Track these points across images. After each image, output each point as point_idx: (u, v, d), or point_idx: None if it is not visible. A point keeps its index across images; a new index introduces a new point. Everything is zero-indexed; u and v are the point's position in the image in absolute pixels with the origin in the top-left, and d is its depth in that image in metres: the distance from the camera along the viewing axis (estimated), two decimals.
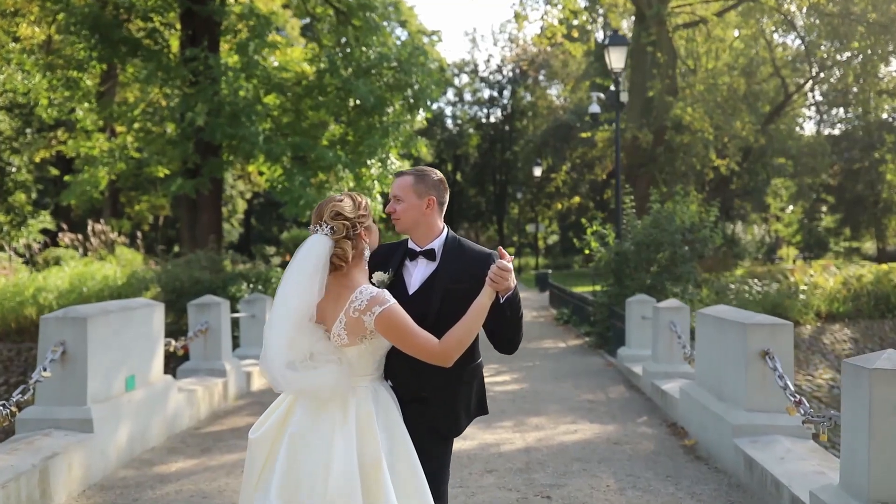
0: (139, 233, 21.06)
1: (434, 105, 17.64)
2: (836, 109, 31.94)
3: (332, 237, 2.89)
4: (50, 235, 25.40)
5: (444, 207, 3.16)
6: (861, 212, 39.63)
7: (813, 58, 23.48)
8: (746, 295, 14.70)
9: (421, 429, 2.99)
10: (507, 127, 52.39)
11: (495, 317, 2.97)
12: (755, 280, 16.73)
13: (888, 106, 29.66)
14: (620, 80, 13.85)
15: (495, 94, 53.49)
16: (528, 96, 50.98)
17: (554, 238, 55.35)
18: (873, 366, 3.87)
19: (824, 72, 24.92)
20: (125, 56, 14.38)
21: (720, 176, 25.68)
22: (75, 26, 13.63)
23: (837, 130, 36.61)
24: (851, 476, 4.06)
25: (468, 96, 54.01)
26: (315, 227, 2.90)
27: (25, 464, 4.91)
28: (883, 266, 19.42)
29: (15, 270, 18.57)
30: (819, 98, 30.28)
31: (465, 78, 53.80)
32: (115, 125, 16.71)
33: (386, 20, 16.79)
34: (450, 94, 51.69)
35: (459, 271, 2.99)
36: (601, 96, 18.56)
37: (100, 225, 17.70)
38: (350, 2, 15.14)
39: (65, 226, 20.72)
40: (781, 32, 23.59)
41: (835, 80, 25.06)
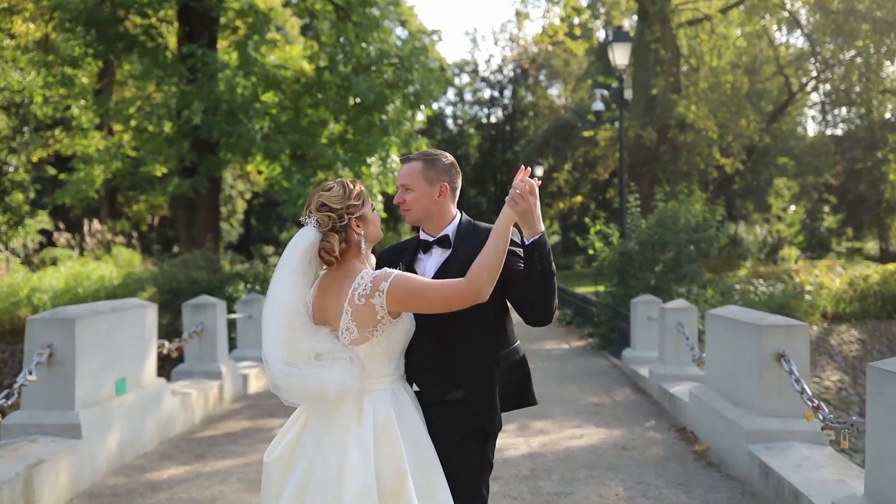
0: (135, 233, 20.86)
1: (435, 104, 17.41)
2: (839, 109, 31.72)
3: (319, 230, 2.66)
4: (48, 235, 25.18)
5: (458, 192, 2.90)
6: (864, 212, 39.41)
7: (817, 56, 23.26)
8: (751, 295, 14.49)
9: (452, 430, 2.71)
10: (508, 127, 52.18)
11: (523, 269, 2.65)
12: (760, 280, 16.52)
13: (891, 105, 29.44)
14: (624, 77, 13.60)
15: (496, 94, 53.28)
16: (529, 96, 50.77)
17: (555, 238, 55.08)
18: None
19: (828, 70, 24.71)
20: (121, 53, 14.16)
21: (723, 175, 25.47)
22: (70, 22, 13.41)
23: (840, 130, 36.40)
24: (877, 486, 3.84)
25: (469, 96, 53.81)
26: (304, 219, 2.69)
27: (9, 472, 4.69)
28: (889, 266, 19.21)
29: (12, 271, 18.37)
30: (822, 97, 30.06)
31: (466, 78, 53.62)
32: (112, 123, 16.48)
33: (386, 19, 16.56)
34: (450, 94, 51.50)
35: (474, 253, 2.67)
36: (605, 93, 18.35)
37: (96, 225, 17.48)
38: None
39: (61, 225, 20.50)
40: (785, 30, 23.37)
41: (838, 78, 24.83)
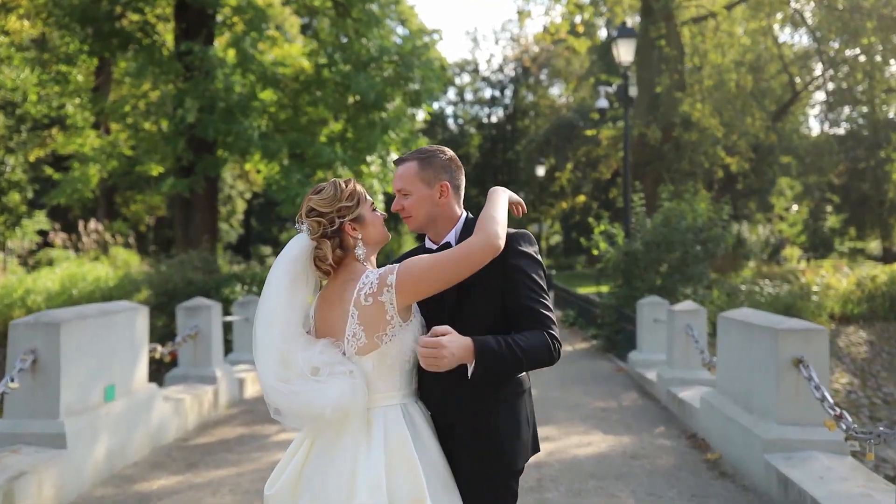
0: (133, 233, 20.61)
1: (435, 104, 17.17)
2: (842, 108, 31.47)
3: (310, 237, 2.43)
4: (47, 236, 24.95)
5: (462, 189, 2.63)
6: (866, 212, 39.17)
7: (822, 54, 22.99)
8: (757, 296, 14.23)
9: (468, 464, 2.43)
10: (509, 127, 51.93)
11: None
12: (766, 281, 16.26)
13: None
14: (629, 74, 13.34)
15: (497, 94, 53.03)
16: (531, 96, 50.52)
17: (556, 238, 54.88)
18: None
19: (833, 68, 24.44)
20: (116, 50, 13.90)
21: (727, 175, 25.20)
22: (64, 19, 13.16)
23: (843, 130, 36.15)
24: None
25: (469, 96, 53.56)
26: (298, 226, 2.46)
27: None
28: None
29: (9, 272, 18.13)
30: (826, 96, 29.80)
31: (467, 77, 53.38)
32: (109, 122, 16.22)
33: (386, 18, 16.30)
34: (451, 94, 51.26)
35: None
36: (609, 90, 18.10)
37: (92, 225, 17.23)
38: None
39: (56, 226, 20.26)
40: (790, 28, 23.11)
41: (843, 76, 24.56)
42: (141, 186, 21.67)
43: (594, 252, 12.93)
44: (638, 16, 21.72)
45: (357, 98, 14.20)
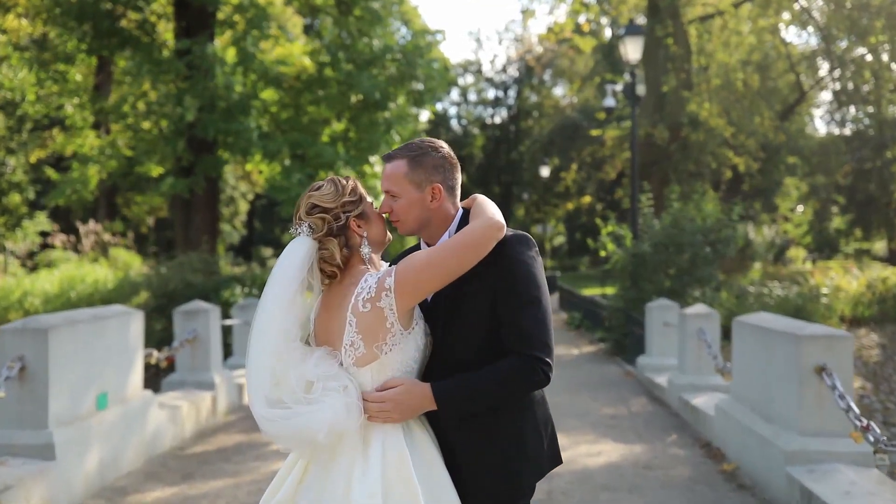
0: (133, 234, 20.40)
1: (439, 104, 16.94)
2: (848, 108, 31.20)
3: (313, 236, 2.24)
4: (48, 237, 24.77)
5: (458, 189, 2.39)
6: (873, 212, 38.88)
7: (830, 53, 22.71)
8: (766, 298, 13.98)
9: (472, 486, 2.24)
10: (513, 127, 51.69)
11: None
12: (775, 283, 16.01)
13: None
14: (636, 73, 13.08)
15: (500, 95, 52.79)
16: (534, 96, 50.28)
17: (560, 239, 54.63)
18: None
19: (840, 67, 24.17)
20: (115, 49, 13.67)
21: (733, 175, 24.94)
22: (62, 17, 12.94)
23: (848, 130, 35.88)
24: None
25: (473, 96, 53.32)
26: (295, 228, 2.27)
27: None
28: None
29: (11, 273, 17.95)
30: (832, 96, 29.54)
31: (470, 78, 53.14)
32: (109, 122, 16.00)
33: (389, 16, 16.07)
34: (454, 95, 51.02)
35: (472, 270, 2.22)
36: (616, 89, 17.83)
37: (88, 226, 17.01)
38: None
39: (55, 227, 20.06)
40: (798, 26, 22.80)
41: (850, 75, 24.28)
42: (142, 187, 21.49)
43: (602, 253, 12.66)
44: (643, 16, 21.48)
45: (360, 97, 13.98)
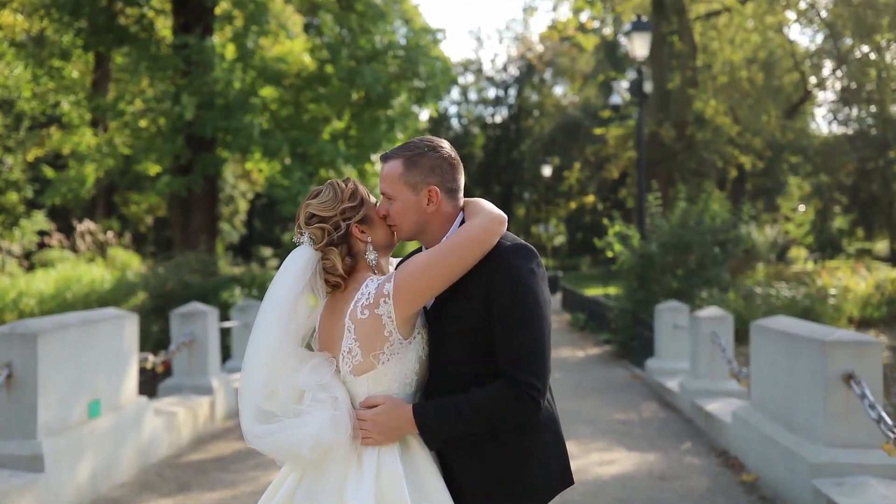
0: (131, 233, 20.15)
1: (441, 100, 16.66)
2: (852, 108, 30.99)
3: (314, 247, 2.12)
4: (47, 237, 24.51)
5: (459, 191, 2.18)
6: (875, 212, 38.67)
7: (837, 50, 22.47)
8: (773, 300, 13.74)
9: None
10: (514, 126, 51.46)
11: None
12: (782, 283, 15.77)
13: None
14: (643, 70, 12.83)
15: (501, 94, 52.55)
16: (535, 95, 50.05)
17: (560, 239, 54.41)
18: None
19: (846, 65, 23.94)
20: (112, 44, 13.39)
21: (740, 174, 24.73)
22: (57, 11, 12.68)
23: (851, 129, 35.68)
24: None
25: (473, 96, 53.08)
26: (297, 236, 2.16)
27: None
28: None
29: (8, 273, 17.71)
30: (836, 95, 29.32)
31: (470, 77, 52.90)
32: (106, 119, 15.75)
33: (391, 13, 15.82)
34: (455, 94, 50.80)
35: (463, 282, 2.04)
36: (624, 85, 17.57)
37: (84, 225, 16.76)
38: None
39: (52, 226, 19.81)
40: (804, 23, 22.57)
41: (856, 73, 24.05)
42: (140, 186, 21.25)
43: (609, 254, 12.40)
44: (643, 16, 21.21)
45: (361, 93, 13.74)
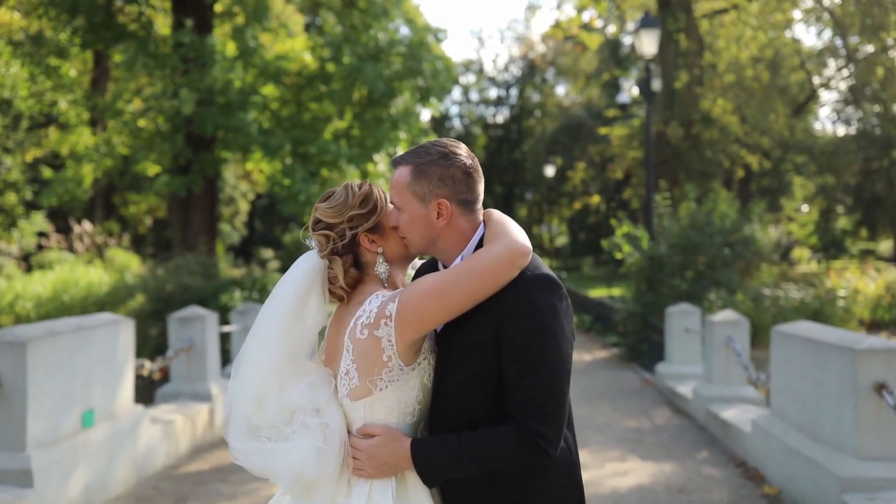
0: (130, 235, 19.94)
1: (444, 98, 16.41)
2: (859, 106, 30.77)
3: (320, 254, 1.92)
4: (46, 238, 24.28)
5: (476, 203, 1.93)
6: (879, 212, 38.46)
7: (845, 48, 22.22)
8: (782, 301, 13.50)
9: None
10: (515, 126, 51.22)
11: None
12: (790, 284, 15.54)
13: None
14: (651, 67, 12.57)
15: (502, 94, 52.30)
16: (536, 96, 49.81)
17: (562, 240, 54.14)
18: None
19: (853, 64, 23.70)
20: (110, 42, 13.14)
21: (746, 174, 24.49)
22: (54, 8, 12.43)
23: (854, 129, 35.46)
24: None
25: (475, 96, 52.83)
26: (308, 240, 1.98)
27: None
28: None
29: (6, 275, 17.49)
30: (839, 94, 29.10)
31: (472, 77, 52.65)
32: (105, 118, 15.50)
33: (393, 10, 15.58)
34: (456, 94, 50.55)
35: (475, 312, 1.82)
36: (629, 84, 17.35)
37: (81, 226, 16.52)
38: None
39: (51, 227, 19.60)
40: (811, 20, 22.31)
41: (863, 71, 23.81)
42: (140, 187, 21.02)
43: (618, 255, 12.14)
44: (649, 13, 20.95)
45: (364, 92, 13.50)
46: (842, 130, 33.64)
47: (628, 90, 17.47)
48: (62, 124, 16.15)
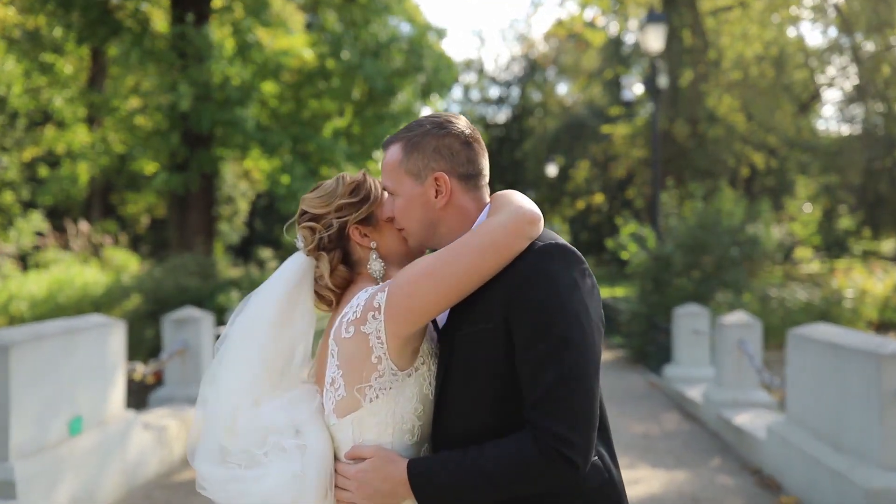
0: (128, 234, 19.73)
1: (441, 102, 16.17)
2: (865, 104, 30.54)
3: (305, 251, 1.69)
4: (44, 237, 24.08)
5: (481, 178, 1.67)
6: (883, 212, 38.27)
7: (853, 44, 21.99)
8: (788, 302, 13.27)
9: None
10: (517, 126, 51.01)
11: None
12: (795, 284, 15.33)
13: None
14: (657, 64, 12.35)
15: (504, 93, 52.08)
16: (538, 95, 49.61)
17: (565, 239, 53.87)
18: None
19: (858, 62, 23.48)
20: (106, 38, 12.89)
21: (747, 174, 24.28)
22: (51, 4, 12.19)
23: (858, 128, 35.24)
24: None
25: (476, 95, 52.62)
26: (296, 239, 1.78)
27: None
28: None
29: (2, 276, 17.28)
30: (847, 91, 28.87)
31: (473, 76, 52.45)
32: (101, 116, 15.27)
33: (396, 5, 15.37)
34: (457, 94, 50.35)
35: (480, 299, 1.54)
36: (633, 80, 17.14)
37: (82, 226, 16.31)
38: None
39: (48, 226, 19.39)
40: (816, 17, 22.08)
41: (869, 69, 23.58)
42: (137, 186, 20.81)
43: (624, 255, 11.90)
44: (653, 11, 20.74)
45: (364, 89, 13.28)
46: (846, 129, 33.43)
47: (630, 87, 17.21)
48: (59, 122, 15.92)
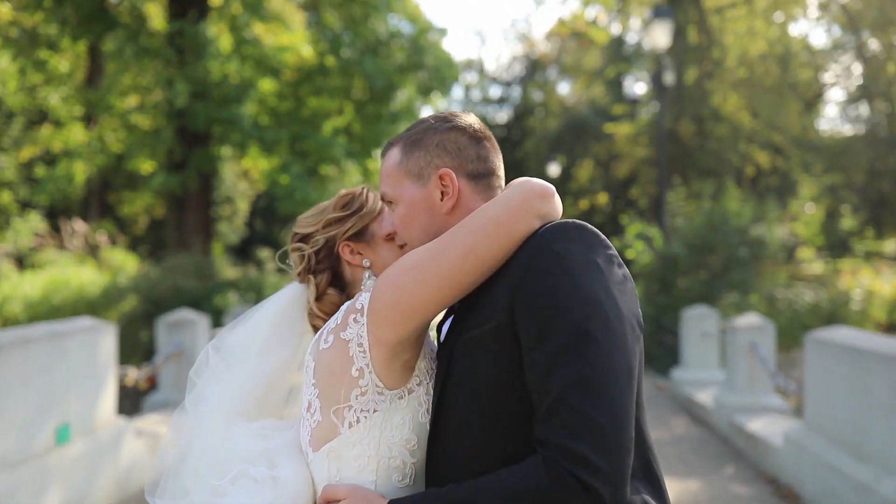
0: (127, 234, 19.52)
1: (442, 102, 15.95)
2: (871, 103, 30.33)
3: (295, 274, 1.56)
4: (40, 237, 23.87)
5: (492, 174, 1.41)
6: (886, 212, 38.09)
7: (857, 47, 21.79)
8: (794, 304, 13.06)
9: None
10: (518, 125, 50.82)
11: None
12: (800, 285, 15.11)
13: None
14: (663, 61, 12.14)
15: (505, 93, 51.90)
16: (539, 94, 49.43)
17: None
18: None
19: (863, 61, 23.27)
20: (101, 34, 12.67)
21: (750, 173, 24.07)
22: (43, 0, 11.98)
23: (860, 128, 35.05)
24: None
25: (477, 94, 52.45)
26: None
27: None
28: None
29: (0, 277, 17.07)
30: (852, 91, 28.67)
31: (474, 76, 52.28)
32: (97, 114, 15.06)
33: (392, 13, 15.19)
34: (458, 94, 50.18)
35: (486, 295, 1.26)
36: (636, 78, 16.93)
37: (78, 226, 16.09)
38: None
39: (45, 226, 19.18)
40: (822, 15, 21.86)
41: (872, 67, 23.37)
42: (135, 185, 20.61)
43: (630, 255, 11.69)
44: (657, 7, 20.51)
45: (364, 87, 13.08)
46: (850, 129, 33.23)
47: (633, 84, 17.10)
48: (55, 121, 15.70)
